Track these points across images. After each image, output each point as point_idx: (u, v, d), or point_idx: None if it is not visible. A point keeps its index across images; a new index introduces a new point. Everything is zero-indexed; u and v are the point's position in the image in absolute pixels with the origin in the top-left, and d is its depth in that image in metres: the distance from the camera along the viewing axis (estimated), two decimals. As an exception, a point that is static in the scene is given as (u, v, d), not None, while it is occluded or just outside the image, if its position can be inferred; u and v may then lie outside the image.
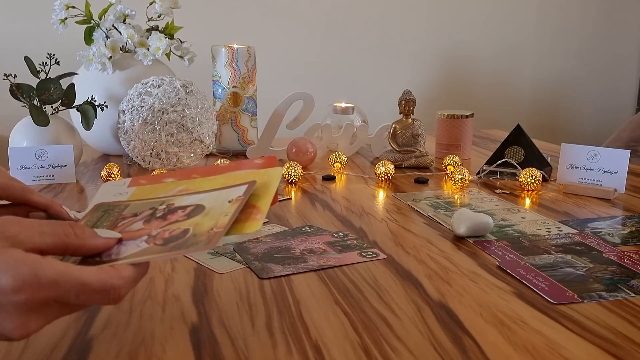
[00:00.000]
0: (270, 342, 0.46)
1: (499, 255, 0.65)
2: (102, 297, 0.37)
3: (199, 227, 0.42)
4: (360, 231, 0.74)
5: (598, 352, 0.44)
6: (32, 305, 0.35)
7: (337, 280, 0.58)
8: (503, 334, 0.47)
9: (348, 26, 1.92)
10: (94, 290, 0.36)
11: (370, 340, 0.46)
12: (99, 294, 0.37)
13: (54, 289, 0.35)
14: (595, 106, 2.27)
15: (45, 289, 0.35)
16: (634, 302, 0.53)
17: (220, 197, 0.45)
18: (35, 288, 0.34)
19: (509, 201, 0.88)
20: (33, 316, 0.35)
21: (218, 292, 0.55)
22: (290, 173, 0.99)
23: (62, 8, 1.19)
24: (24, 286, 0.34)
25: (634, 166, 1.08)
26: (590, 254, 0.65)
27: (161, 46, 1.18)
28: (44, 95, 1.03)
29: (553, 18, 2.15)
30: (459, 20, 2.04)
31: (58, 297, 0.36)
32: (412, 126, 1.13)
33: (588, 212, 0.83)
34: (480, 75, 2.10)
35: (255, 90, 1.28)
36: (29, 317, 0.35)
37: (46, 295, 0.35)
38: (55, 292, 0.35)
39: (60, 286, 0.35)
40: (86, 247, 0.41)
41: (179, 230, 0.43)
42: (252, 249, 0.66)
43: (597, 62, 2.24)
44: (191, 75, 1.20)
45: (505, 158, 1.02)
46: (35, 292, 0.34)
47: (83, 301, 0.37)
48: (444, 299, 0.54)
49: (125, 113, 1.06)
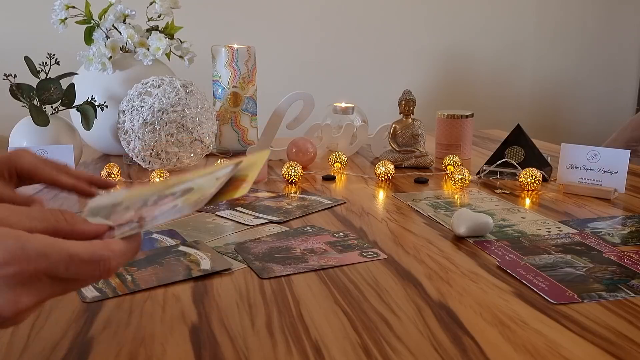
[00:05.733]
0: (270, 342, 0.46)
1: (499, 255, 0.65)
2: (92, 268, 0.37)
3: (187, 201, 0.42)
4: (360, 231, 0.74)
5: (598, 352, 0.44)
6: (22, 279, 0.34)
7: (337, 280, 0.58)
8: (503, 334, 0.47)
9: (348, 26, 1.92)
10: (83, 261, 0.36)
11: (370, 340, 0.46)
12: (89, 265, 0.36)
13: (42, 261, 0.35)
14: (595, 106, 2.27)
15: (33, 261, 0.35)
16: (634, 302, 0.53)
17: (208, 178, 0.46)
18: (24, 260, 0.34)
19: (509, 201, 0.88)
20: (24, 291, 0.35)
21: (218, 292, 0.55)
22: (290, 173, 0.99)
23: (62, 8, 1.19)
24: (12, 259, 0.34)
25: (634, 166, 1.08)
26: (590, 254, 0.65)
27: (161, 46, 1.18)
28: (44, 95, 1.03)
29: (553, 18, 2.15)
30: (458, 20, 2.04)
31: (47, 269, 0.35)
32: (412, 126, 1.13)
33: (588, 212, 0.83)
34: (480, 75, 2.10)
35: (255, 90, 1.28)
36: (19, 292, 0.34)
37: (35, 267, 0.35)
38: (45, 264, 0.35)
39: (49, 257, 0.35)
40: (76, 232, 0.40)
41: (168, 206, 0.43)
42: (252, 249, 0.66)
43: (597, 62, 2.24)
44: (191, 75, 1.20)
45: (505, 158, 1.02)
46: (24, 264, 0.34)
47: (73, 273, 0.36)
48: (444, 299, 0.54)
49: (125, 113, 1.06)
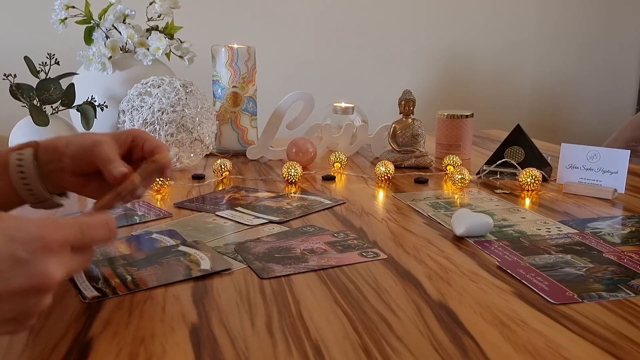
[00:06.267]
0: (270, 342, 0.46)
1: (499, 255, 0.65)
2: (104, 229, 0.46)
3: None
4: (360, 231, 0.74)
5: (598, 352, 0.44)
6: (54, 247, 0.41)
7: (337, 280, 0.58)
8: (503, 334, 0.47)
9: (348, 26, 1.92)
10: (97, 224, 0.46)
11: (370, 340, 0.46)
12: (99, 227, 0.46)
13: (69, 229, 0.43)
14: (595, 106, 2.27)
15: (63, 229, 0.42)
16: (634, 302, 0.53)
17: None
18: (55, 228, 0.42)
19: (509, 201, 0.88)
20: (56, 260, 0.41)
21: (218, 292, 0.55)
22: (290, 173, 0.99)
23: (62, 8, 1.19)
24: (46, 230, 0.41)
25: (634, 166, 1.08)
26: (590, 254, 0.65)
27: (161, 46, 1.19)
28: (44, 95, 1.03)
29: (553, 18, 2.15)
30: (458, 20, 2.04)
31: (75, 238, 0.43)
32: (412, 126, 1.13)
33: (588, 212, 0.83)
34: (480, 75, 2.10)
35: (255, 90, 1.28)
36: (53, 261, 0.40)
37: (65, 235, 0.42)
38: (72, 232, 0.43)
39: (74, 226, 0.44)
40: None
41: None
42: (252, 249, 0.66)
43: (597, 62, 2.24)
44: (191, 75, 1.20)
45: (505, 158, 1.02)
46: (55, 232, 0.41)
47: (89, 237, 0.45)
48: (444, 299, 0.54)
49: (125, 113, 1.06)
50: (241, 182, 1.02)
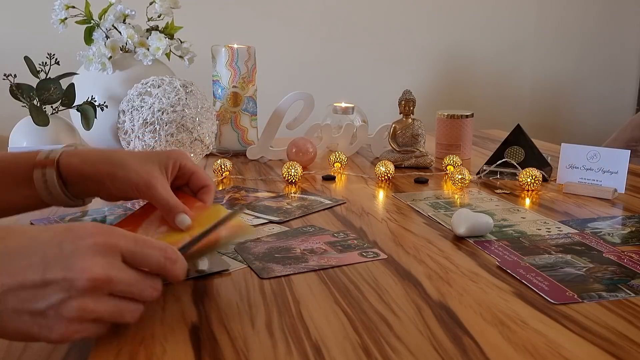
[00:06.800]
0: (270, 342, 0.46)
1: (499, 255, 0.65)
2: (159, 253, 0.44)
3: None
4: (360, 231, 0.74)
5: (598, 352, 0.44)
6: (102, 249, 0.40)
7: (337, 280, 0.58)
8: (503, 334, 0.47)
9: (348, 26, 1.92)
10: (154, 246, 0.44)
11: (370, 340, 0.46)
12: (156, 249, 0.44)
13: (124, 238, 0.42)
14: (595, 106, 2.27)
15: (115, 236, 0.42)
16: (634, 302, 0.53)
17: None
18: (109, 233, 0.42)
19: (509, 201, 0.88)
20: (100, 260, 0.40)
21: (218, 292, 0.55)
22: (290, 173, 0.99)
23: (62, 8, 1.19)
24: (101, 231, 0.41)
25: (634, 166, 1.08)
26: (590, 254, 0.65)
27: (161, 46, 1.19)
28: (44, 95, 1.03)
29: (553, 18, 2.15)
30: (458, 21, 2.04)
31: (127, 247, 0.42)
32: (412, 126, 1.13)
33: (588, 212, 0.83)
34: (480, 75, 2.10)
35: (255, 90, 1.28)
36: (96, 260, 0.40)
37: (116, 242, 0.41)
38: (126, 241, 0.42)
39: (128, 237, 0.43)
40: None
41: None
42: (252, 249, 0.66)
43: (597, 62, 2.24)
44: (191, 75, 1.20)
45: (505, 158, 1.02)
46: (108, 236, 0.41)
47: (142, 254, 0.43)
48: (444, 299, 0.54)
49: (125, 113, 1.06)
50: (241, 182, 1.02)
